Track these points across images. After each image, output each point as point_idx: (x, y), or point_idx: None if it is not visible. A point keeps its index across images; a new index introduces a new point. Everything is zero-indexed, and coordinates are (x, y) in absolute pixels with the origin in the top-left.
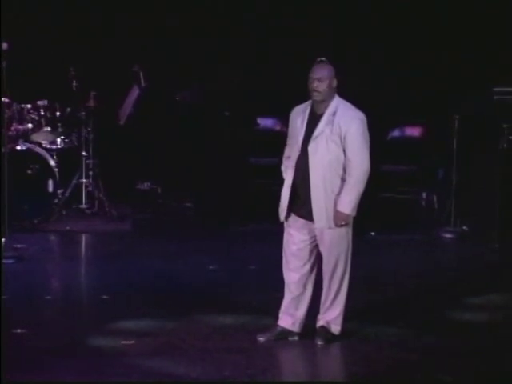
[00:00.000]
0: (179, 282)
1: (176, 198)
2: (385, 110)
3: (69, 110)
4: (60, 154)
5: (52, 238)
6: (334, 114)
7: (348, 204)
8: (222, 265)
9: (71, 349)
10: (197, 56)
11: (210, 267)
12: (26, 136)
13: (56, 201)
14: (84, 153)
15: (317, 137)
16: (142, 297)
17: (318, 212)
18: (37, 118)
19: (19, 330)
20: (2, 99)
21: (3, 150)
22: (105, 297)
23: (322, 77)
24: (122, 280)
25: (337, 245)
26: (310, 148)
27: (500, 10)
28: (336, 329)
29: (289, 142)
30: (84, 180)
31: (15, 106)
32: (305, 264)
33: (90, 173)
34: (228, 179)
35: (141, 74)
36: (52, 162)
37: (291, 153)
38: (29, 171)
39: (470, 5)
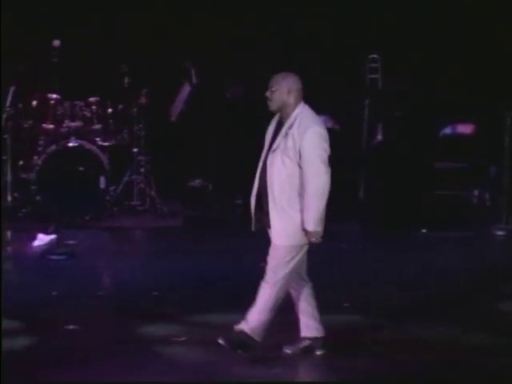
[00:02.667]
0: (230, 278)
1: (227, 195)
2: (436, 108)
3: (120, 106)
4: (112, 150)
5: (103, 234)
6: (292, 126)
7: (310, 221)
8: None
9: (122, 346)
10: (247, 54)
11: (261, 264)
12: (77, 133)
13: (107, 197)
14: (135, 150)
15: (275, 150)
16: (192, 293)
17: (273, 225)
18: (89, 114)
19: (71, 327)
20: (53, 96)
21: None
22: (155, 293)
23: (273, 86)
24: (172, 276)
25: (277, 259)
26: (268, 161)
27: None
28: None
29: None
30: (135, 177)
31: (67, 103)
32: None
33: (142, 169)
34: None
35: (192, 71)
36: (104, 159)
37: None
38: (80, 168)
39: None
